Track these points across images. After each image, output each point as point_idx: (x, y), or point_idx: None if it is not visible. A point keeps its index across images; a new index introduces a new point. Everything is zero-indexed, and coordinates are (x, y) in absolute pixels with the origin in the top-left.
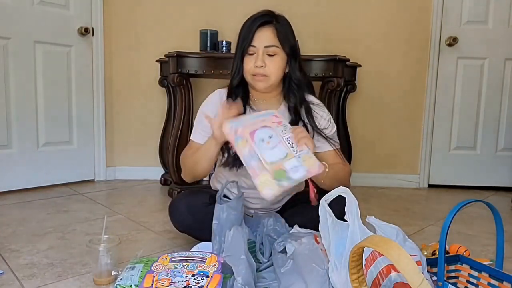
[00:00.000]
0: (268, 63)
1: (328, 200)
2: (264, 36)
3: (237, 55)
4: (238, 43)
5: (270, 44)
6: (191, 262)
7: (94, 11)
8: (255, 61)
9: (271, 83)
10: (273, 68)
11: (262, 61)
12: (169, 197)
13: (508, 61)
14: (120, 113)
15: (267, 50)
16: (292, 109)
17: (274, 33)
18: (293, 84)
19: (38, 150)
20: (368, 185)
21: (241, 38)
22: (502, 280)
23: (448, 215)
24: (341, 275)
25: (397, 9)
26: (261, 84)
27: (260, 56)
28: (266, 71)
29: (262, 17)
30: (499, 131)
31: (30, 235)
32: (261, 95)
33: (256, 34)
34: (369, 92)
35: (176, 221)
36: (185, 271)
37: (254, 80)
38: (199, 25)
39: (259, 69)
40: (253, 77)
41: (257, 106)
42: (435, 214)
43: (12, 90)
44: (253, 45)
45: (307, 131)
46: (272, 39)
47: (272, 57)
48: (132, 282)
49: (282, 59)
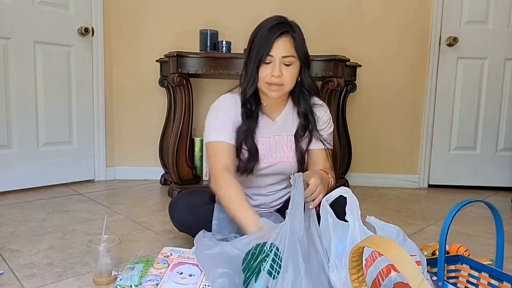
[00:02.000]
0: (284, 72)
1: (330, 201)
2: (282, 46)
3: (251, 63)
4: (252, 50)
5: (288, 55)
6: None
7: (94, 11)
8: (271, 70)
9: (285, 91)
10: (289, 77)
11: (279, 71)
12: (169, 197)
13: (508, 61)
14: (120, 113)
15: (284, 60)
16: (302, 114)
17: (291, 43)
18: (305, 90)
19: (38, 150)
20: (368, 185)
21: (257, 47)
22: (502, 280)
23: (448, 215)
24: (341, 275)
25: (397, 9)
26: (275, 93)
27: (277, 66)
28: (282, 81)
29: (278, 25)
30: (499, 131)
31: (30, 235)
32: (270, 99)
33: (274, 43)
34: (369, 92)
35: (176, 220)
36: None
37: (269, 89)
38: (199, 25)
39: (276, 78)
40: (268, 85)
41: (266, 110)
42: (435, 214)
43: (12, 90)
44: (270, 54)
45: (307, 131)
46: (290, 49)
47: (288, 67)
48: (132, 282)
49: (297, 68)
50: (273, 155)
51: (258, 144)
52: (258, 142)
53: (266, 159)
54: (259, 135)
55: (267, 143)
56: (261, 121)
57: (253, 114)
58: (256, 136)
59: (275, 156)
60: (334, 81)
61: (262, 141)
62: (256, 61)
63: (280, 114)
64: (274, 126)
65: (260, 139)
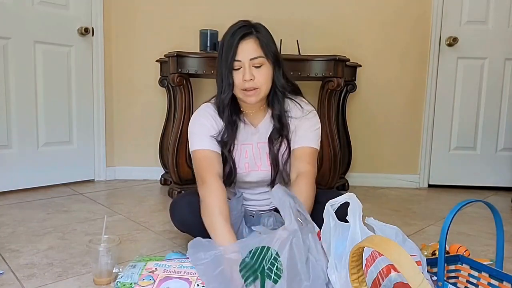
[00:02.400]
0: (256, 75)
1: (334, 206)
2: (247, 48)
3: (222, 71)
4: (222, 59)
5: (255, 56)
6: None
7: (94, 11)
8: (243, 75)
9: (262, 95)
10: (262, 79)
11: (250, 74)
12: (169, 197)
13: (508, 61)
14: (120, 113)
15: (253, 62)
16: (277, 116)
17: (257, 43)
18: (278, 91)
19: (38, 150)
20: (368, 185)
21: (224, 54)
22: (502, 280)
23: (448, 215)
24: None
25: (397, 9)
26: (253, 98)
27: (248, 70)
28: (256, 84)
29: (240, 29)
30: (499, 131)
31: (30, 235)
32: (249, 106)
33: (239, 47)
34: (369, 92)
35: (176, 220)
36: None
37: (245, 95)
38: (199, 25)
39: (249, 82)
40: (244, 92)
41: (248, 118)
42: (435, 214)
43: (12, 90)
44: (237, 59)
45: (280, 135)
46: (256, 50)
47: (259, 69)
48: (132, 280)
49: (268, 68)
50: (257, 163)
51: (241, 152)
52: (241, 150)
53: (250, 167)
54: (242, 142)
55: (250, 151)
56: (243, 129)
57: (233, 123)
58: (239, 143)
59: (259, 164)
60: (334, 81)
61: (245, 149)
62: (226, 68)
63: (262, 120)
64: (256, 133)
65: (243, 146)
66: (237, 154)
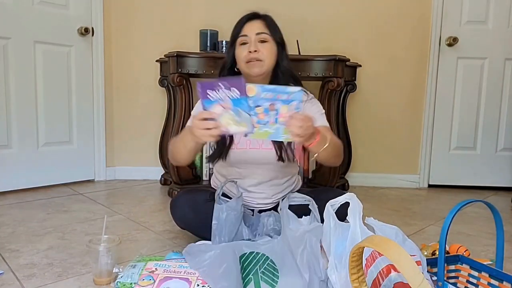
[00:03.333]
0: (261, 48)
1: (334, 206)
2: (254, 25)
3: (229, 48)
4: (230, 39)
5: (261, 31)
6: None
7: (94, 11)
8: (248, 48)
9: (266, 67)
10: (267, 52)
11: (255, 46)
12: (169, 197)
13: (508, 61)
14: (120, 113)
15: (259, 37)
16: None
17: (263, 23)
18: (280, 73)
19: (38, 150)
20: (368, 185)
21: (232, 34)
22: (502, 280)
23: (448, 215)
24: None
25: (397, 9)
26: (256, 69)
27: (253, 42)
28: (260, 56)
29: (249, 14)
30: (499, 131)
31: (30, 235)
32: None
33: (246, 25)
34: (369, 92)
35: (177, 218)
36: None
37: (249, 66)
38: (199, 25)
39: (253, 54)
40: (248, 64)
41: None
42: (435, 214)
43: (12, 90)
44: (244, 34)
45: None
46: (262, 28)
47: (264, 43)
48: (132, 280)
49: (273, 45)
50: (259, 141)
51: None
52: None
53: (252, 144)
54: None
55: None
56: None
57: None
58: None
59: (261, 142)
60: (334, 81)
61: None
62: (231, 43)
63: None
64: None
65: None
66: None
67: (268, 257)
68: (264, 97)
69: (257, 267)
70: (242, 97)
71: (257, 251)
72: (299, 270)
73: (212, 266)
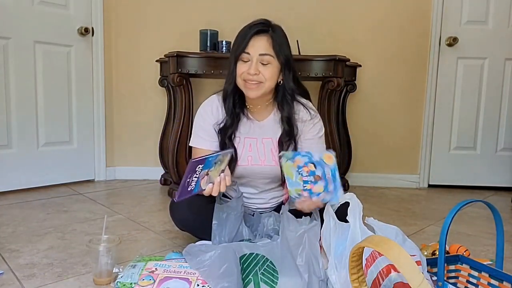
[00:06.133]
0: (262, 70)
1: (334, 206)
2: (259, 44)
3: (231, 60)
4: (232, 49)
5: (264, 53)
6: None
7: (94, 11)
8: (248, 68)
9: (264, 90)
10: (268, 74)
11: (256, 69)
12: (169, 197)
13: (508, 61)
14: (120, 113)
15: (261, 59)
16: (286, 119)
17: (269, 42)
18: (287, 94)
19: (38, 150)
20: (368, 185)
21: (236, 44)
22: (502, 280)
23: (448, 215)
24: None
25: (397, 9)
26: (253, 92)
27: (254, 64)
28: (260, 78)
29: (258, 25)
30: (499, 131)
31: (30, 235)
32: (255, 101)
33: (251, 41)
34: (369, 92)
35: (177, 219)
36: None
37: (246, 87)
38: (199, 25)
39: (252, 76)
40: (245, 83)
41: (253, 113)
42: (435, 214)
43: (12, 90)
44: (247, 52)
45: (290, 137)
46: (267, 48)
47: (265, 66)
48: (132, 280)
49: (275, 68)
50: (261, 158)
51: (245, 145)
52: (245, 144)
53: (253, 160)
54: (245, 136)
55: (254, 145)
56: (246, 123)
57: (235, 114)
58: (242, 136)
59: (263, 159)
60: (334, 81)
61: (249, 142)
62: (233, 58)
63: (268, 117)
64: (262, 128)
65: (246, 140)
66: (239, 147)
67: (268, 258)
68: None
69: (256, 268)
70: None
71: (257, 252)
72: (299, 270)
73: (212, 266)
